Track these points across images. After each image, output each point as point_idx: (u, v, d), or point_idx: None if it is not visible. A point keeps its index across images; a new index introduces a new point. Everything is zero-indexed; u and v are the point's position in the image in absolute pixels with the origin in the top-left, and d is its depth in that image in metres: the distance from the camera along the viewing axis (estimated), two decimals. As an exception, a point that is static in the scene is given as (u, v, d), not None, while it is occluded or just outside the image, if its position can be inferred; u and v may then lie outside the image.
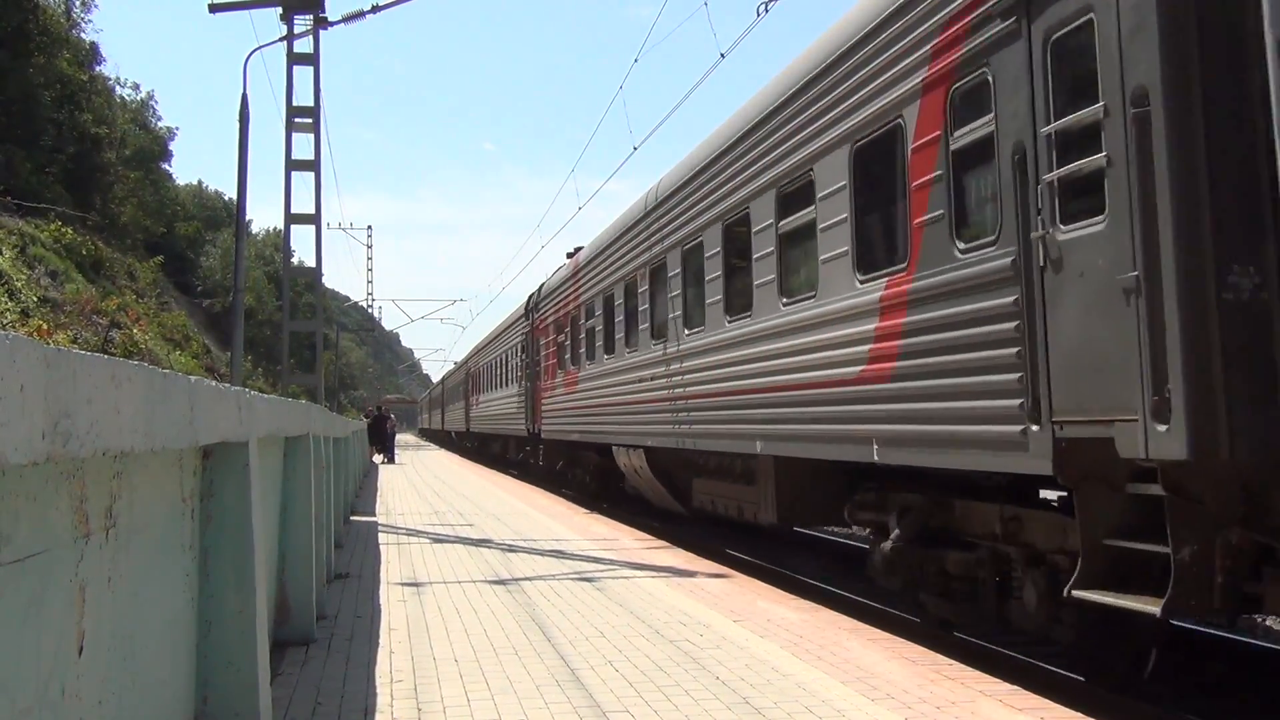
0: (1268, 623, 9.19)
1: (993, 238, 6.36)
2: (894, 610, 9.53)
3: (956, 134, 6.83)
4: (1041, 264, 5.81)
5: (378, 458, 37.75)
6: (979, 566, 7.31)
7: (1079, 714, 4.84)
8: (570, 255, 21.78)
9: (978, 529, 7.29)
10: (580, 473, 21.33)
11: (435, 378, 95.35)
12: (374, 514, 16.50)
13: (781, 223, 9.67)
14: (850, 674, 5.65)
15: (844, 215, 8.34)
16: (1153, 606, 5.04)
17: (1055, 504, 6.35)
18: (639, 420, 14.61)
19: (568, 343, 20.38)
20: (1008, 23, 6.13)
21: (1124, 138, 5.18)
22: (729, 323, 11.07)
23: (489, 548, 11.84)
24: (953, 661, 6.03)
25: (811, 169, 8.94)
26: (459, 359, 54.93)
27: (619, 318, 16.20)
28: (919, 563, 7.91)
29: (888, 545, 8.02)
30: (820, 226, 8.76)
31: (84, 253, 33.09)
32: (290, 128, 32.26)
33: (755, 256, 10.28)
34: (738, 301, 10.88)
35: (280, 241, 53.31)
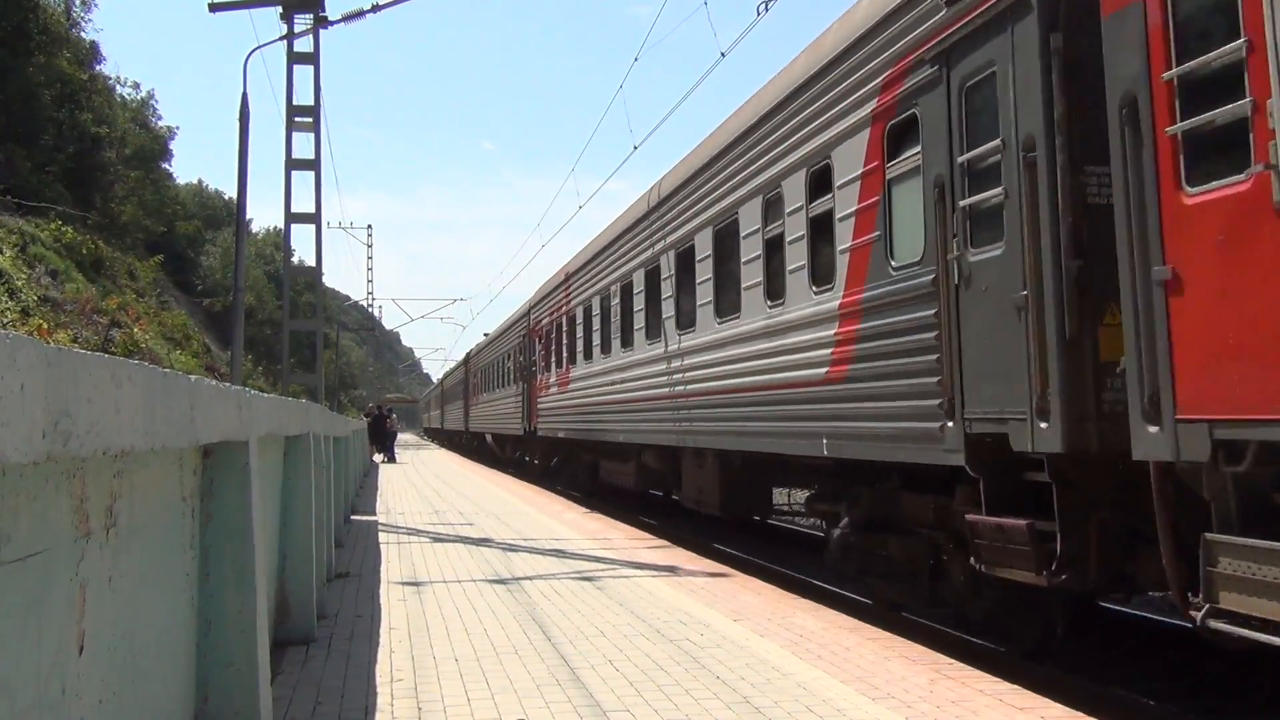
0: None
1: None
2: (894, 611, 9.52)
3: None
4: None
5: (378, 457, 37.74)
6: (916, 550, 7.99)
7: (1079, 714, 4.84)
8: None
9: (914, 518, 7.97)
10: None
11: (435, 377, 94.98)
12: (374, 513, 16.50)
13: None
14: (850, 673, 5.65)
15: None
16: (1040, 579, 6.14)
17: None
18: None
19: None
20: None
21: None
22: None
23: (489, 547, 11.84)
24: (953, 661, 6.03)
25: None
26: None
27: None
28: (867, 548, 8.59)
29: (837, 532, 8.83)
30: None
31: (84, 252, 33.07)
32: (290, 127, 32.28)
33: None
34: None
35: (280, 240, 53.28)
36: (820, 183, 9.10)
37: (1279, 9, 4.44)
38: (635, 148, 21.43)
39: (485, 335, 42.53)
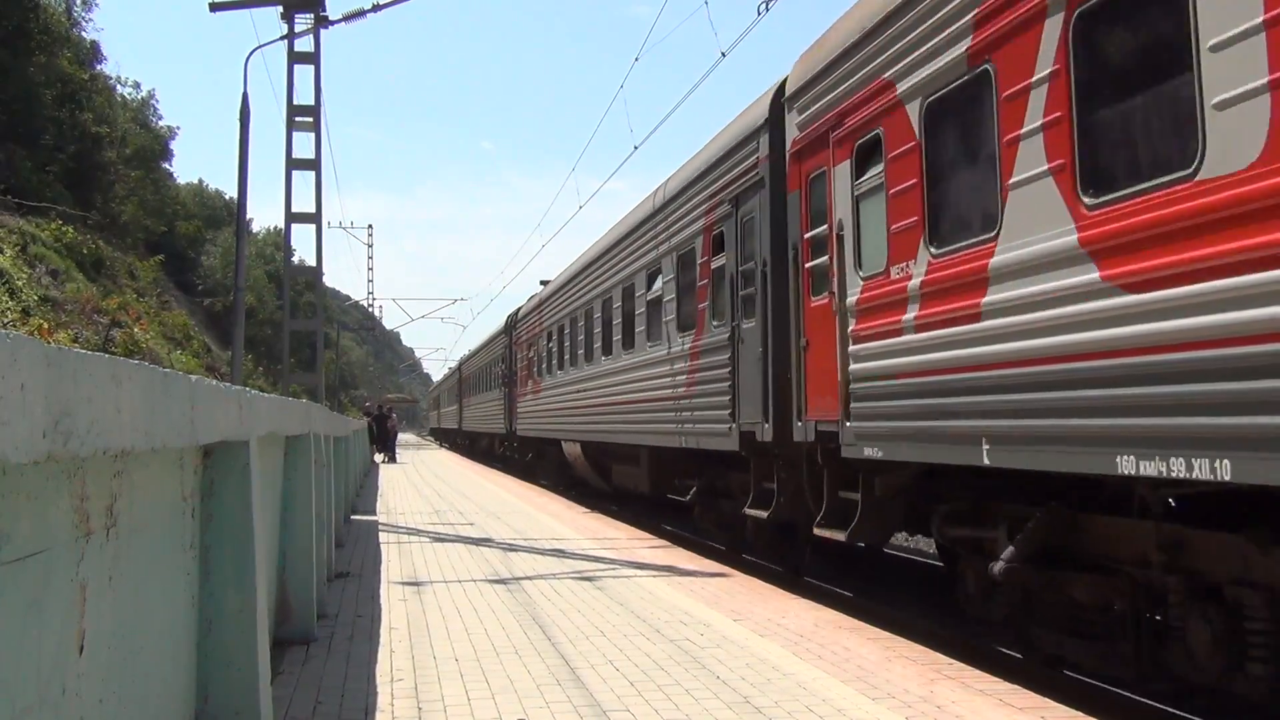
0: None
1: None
2: (894, 611, 9.53)
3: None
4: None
5: (379, 457, 37.74)
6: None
7: (1079, 714, 4.84)
8: None
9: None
10: None
11: (436, 377, 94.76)
12: (375, 513, 16.51)
13: None
14: (850, 673, 5.65)
15: None
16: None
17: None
18: None
19: None
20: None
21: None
22: None
23: (489, 547, 11.84)
24: (952, 661, 6.03)
25: None
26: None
27: None
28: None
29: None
30: None
31: (85, 251, 33.06)
32: (291, 127, 32.31)
33: None
34: None
35: (281, 240, 53.27)
36: None
37: (840, 210, 8.59)
38: (635, 148, 21.34)
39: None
